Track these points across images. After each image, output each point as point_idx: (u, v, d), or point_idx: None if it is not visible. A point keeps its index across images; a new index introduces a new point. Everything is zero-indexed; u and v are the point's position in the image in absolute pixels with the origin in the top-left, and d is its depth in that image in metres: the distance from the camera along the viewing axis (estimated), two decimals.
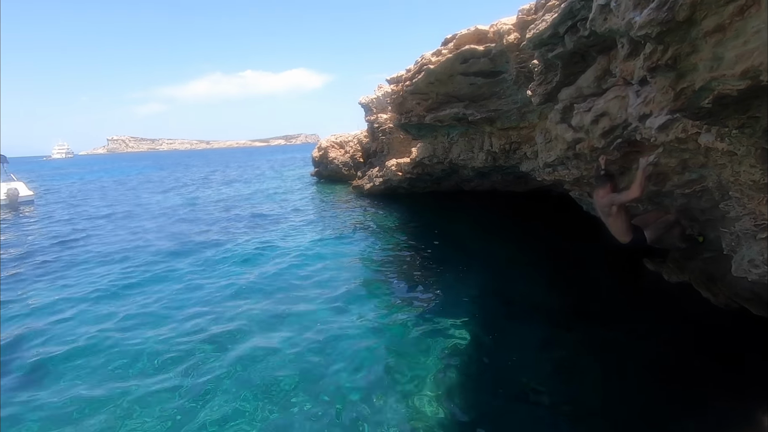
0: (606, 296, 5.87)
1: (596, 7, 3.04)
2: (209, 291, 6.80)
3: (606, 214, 4.52)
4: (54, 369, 4.66)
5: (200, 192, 21.84)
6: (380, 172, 16.20)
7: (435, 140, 12.28)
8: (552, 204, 11.17)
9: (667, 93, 2.42)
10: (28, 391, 4.24)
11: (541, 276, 6.72)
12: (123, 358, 4.78)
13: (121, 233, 11.77)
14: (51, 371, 4.62)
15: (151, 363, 4.66)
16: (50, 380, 4.45)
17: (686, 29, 2.01)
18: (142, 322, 5.69)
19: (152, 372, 4.48)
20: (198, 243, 10.10)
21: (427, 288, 6.63)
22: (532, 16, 6.25)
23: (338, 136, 22.26)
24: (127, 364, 4.66)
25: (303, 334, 5.19)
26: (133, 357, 4.80)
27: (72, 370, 4.62)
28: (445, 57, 8.53)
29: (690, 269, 5.58)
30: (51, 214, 16.20)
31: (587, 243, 7.05)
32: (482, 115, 8.96)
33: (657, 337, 4.66)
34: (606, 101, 4.63)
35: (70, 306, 6.39)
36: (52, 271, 8.36)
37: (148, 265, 8.37)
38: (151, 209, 16.17)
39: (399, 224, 11.34)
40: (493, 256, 7.94)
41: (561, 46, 5.00)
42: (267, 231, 11.15)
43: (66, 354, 4.93)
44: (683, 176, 4.30)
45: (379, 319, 5.55)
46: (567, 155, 6.07)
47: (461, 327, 5.16)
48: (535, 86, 6.09)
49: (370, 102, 18.77)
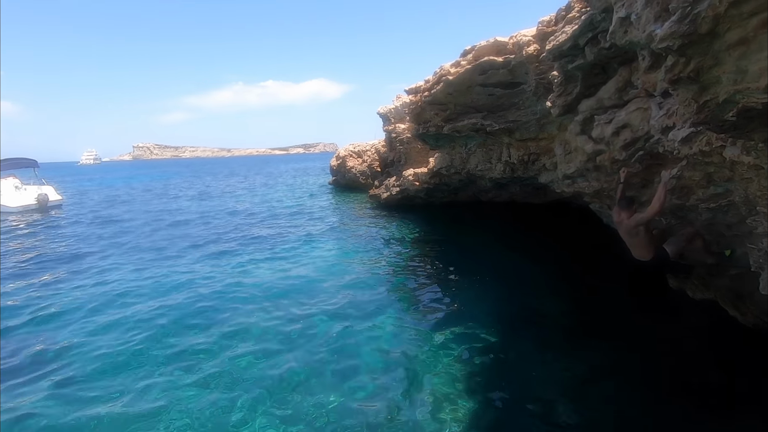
0: (626, 313, 5.72)
1: (616, 20, 3.02)
2: (227, 296, 6.91)
3: (633, 235, 4.50)
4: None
5: (224, 199, 22.27)
6: (397, 182, 16.24)
7: (453, 150, 12.26)
8: (571, 216, 10.99)
9: (690, 105, 2.39)
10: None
11: (558, 290, 6.60)
12: (139, 359, 4.90)
13: (157, 237, 12.08)
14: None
15: (168, 361, 4.76)
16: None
17: (709, 42, 1.98)
18: (161, 324, 5.82)
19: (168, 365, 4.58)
20: (217, 249, 10.29)
21: (440, 300, 6.58)
22: (552, 28, 6.24)
23: (356, 145, 22.45)
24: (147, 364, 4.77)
25: (319, 343, 5.21)
26: (151, 359, 4.91)
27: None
28: (464, 68, 8.56)
29: (716, 286, 5.39)
30: (78, 219, 16.76)
31: (607, 257, 6.89)
32: (501, 125, 8.93)
33: (680, 357, 4.50)
34: (627, 113, 4.57)
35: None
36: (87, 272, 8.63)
37: (164, 268, 8.57)
38: (176, 215, 16.60)
39: (415, 234, 11.33)
40: (510, 268, 7.84)
41: (581, 57, 4.98)
42: (284, 239, 11.28)
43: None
44: (708, 190, 4.19)
45: (392, 330, 5.53)
46: (587, 167, 5.99)
47: (476, 339, 5.10)
48: (554, 97, 6.06)
49: (388, 112, 18.91)
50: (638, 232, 4.44)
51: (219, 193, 25.18)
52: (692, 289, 5.65)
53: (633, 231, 4.46)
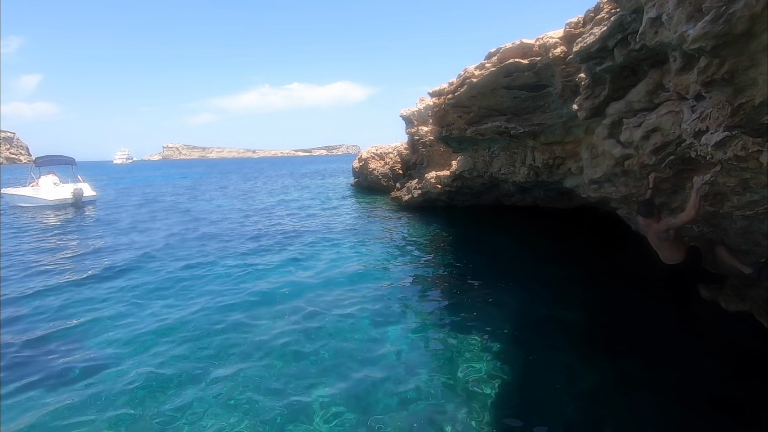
0: (655, 324, 5.51)
1: (647, 20, 2.94)
2: (249, 296, 7.05)
3: (663, 239, 4.40)
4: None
5: (248, 199, 22.74)
6: (419, 184, 16.21)
7: (475, 153, 12.15)
8: (597, 222, 10.71)
9: (724, 108, 2.31)
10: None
11: (584, 298, 6.43)
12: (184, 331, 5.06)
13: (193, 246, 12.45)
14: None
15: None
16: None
17: (744, 42, 1.91)
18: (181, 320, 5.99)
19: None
20: (243, 249, 10.52)
21: (460, 304, 6.52)
22: (580, 30, 6.12)
23: (378, 147, 22.53)
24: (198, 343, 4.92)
25: (335, 345, 5.26)
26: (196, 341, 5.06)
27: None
28: (489, 70, 8.48)
29: (751, 297, 5.15)
30: (113, 214, 17.44)
31: (635, 265, 6.69)
32: (525, 129, 8.79)
33: (711, 372, 4.30)
34: (658, 116, 4.43)
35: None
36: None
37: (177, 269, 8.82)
38: (203, 213, 17.08)
39: (436, 238, 11.27)
40: (533, 275, 7.70)
41: (610, 59, 4.87)
42: (305, 240, 11.42)
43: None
44: (744, 197, 4.02)
45: (411, 334, 5.53)
46: (614, 172, 5.84)
47: (496, 345, 5.03)
48: (581, 100, 5.93)
49: (411, 114, 18.91)
50: (669, 236, 4.33)
51: (242, 193, 25.71)
52: (726, 300, 5.43)
53: (663, 234, 4.34)
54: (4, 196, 21.92)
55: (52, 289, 7.53)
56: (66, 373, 4.71)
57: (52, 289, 7.57)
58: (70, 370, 4.77)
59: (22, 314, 6.41)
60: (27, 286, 7.76)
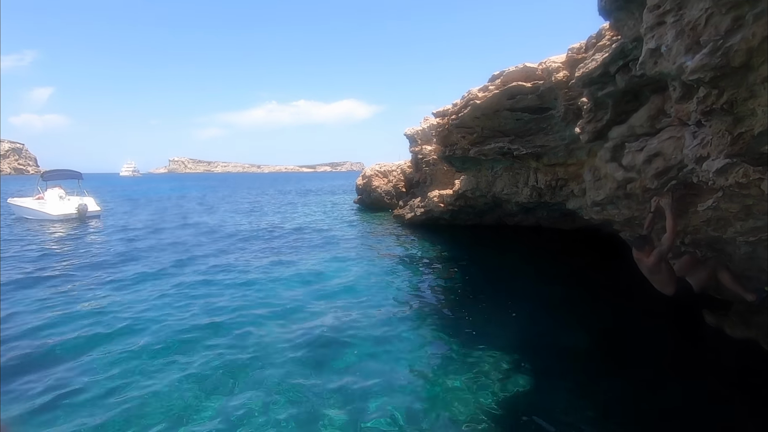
0: (657, 351, 5.42)
1: (646, 51, 3.00)
2: (246, 311, 7.02)
3: (655, 272, 4.45)
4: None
5: (252, 216, 22.83)
6: (422, 203, 16.25)
7: (479, 173, 12.22)
8: (600, 244, 10.67)
9: (724, 137, 2.33)
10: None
11: (585, 321, 6.36)
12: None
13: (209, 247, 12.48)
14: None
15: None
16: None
17: (743, 74, 1.95)
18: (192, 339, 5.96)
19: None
20: (245, 263, 10.51)
21: (461, 324, 6.46)
22: (582, 55, 6.22)
23: (382, 165, 22.69)
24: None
25: (335, 361, 5.21)
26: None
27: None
28: (492, 93, 8.60)
29: (757, 324, 5.08)
30: (115, 232, 17.53)
31: (638, 288, 6.63)
32: (528, 150, 8.86)
33: (715, 402, 4.21)
34: (660, 141, 4.47)
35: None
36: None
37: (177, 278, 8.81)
38: (205, 228, 17.15)
39: (438, 256, 11.24)
40: (534, 295, 7.64)
41: (612, 84, 4.94)
42: (307, 256, 11.42)
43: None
44: (747, 223, 4.01)
45: (411, 353, 5.47)
46: (617, 194, 5.85)
47: (497, 365, 4.96)
48: (584, 123, 5.99)
49: (415, 133, 19.10)
50: (660, 269, 4.39)
51: (247, 210, 25.81)
52: (731, 326, 5.35)
53: (655, 268, 4.39)
54: (11, 206, 22.12)
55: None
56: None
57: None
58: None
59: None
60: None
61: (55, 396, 4.46)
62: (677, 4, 2.26)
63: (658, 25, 2.56)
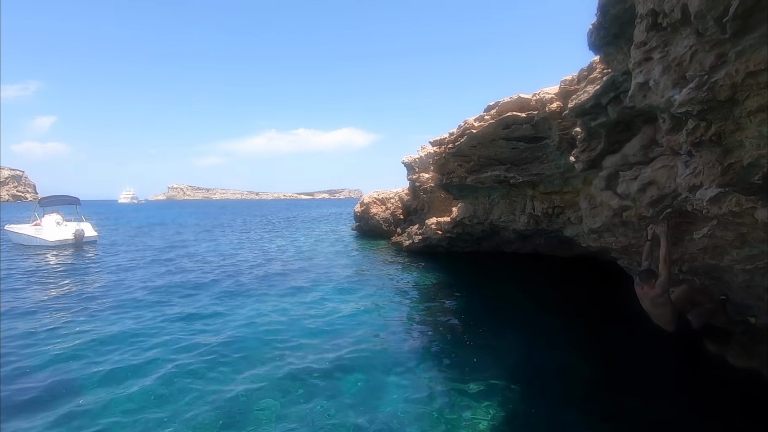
0: (658, 380, 5.33)
1: (635, 85, 3.11)
2: (240, 341, 6.90)
3: (658, 305, 4.41)
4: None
5: (249, 243, 22.75)
6: (420, 230, 16.28)
7: (476, 201, 12.32)
8: (598, 272, 10.64)
9: (715, 167, 2.39)
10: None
11: (584, 349, 6.28)
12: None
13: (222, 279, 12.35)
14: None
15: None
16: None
17: (729, 108, 2.02)
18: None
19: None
20: (243, 292, 10.40)
21: (459, 352, 6.36)
22: (574, 87, 6.41)
23: (380, 192, 22.85)
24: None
25: (333, 392, 5.09)
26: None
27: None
28: (488, 122, 8.80)
29: (759, 354, 5.02)
30: (110, 256, 17.41)
31: (637, 316, 6.57)
32: (524, 178, 8.98)
33: (716, 429, 4.12)
34: (653, 170, 4.54)
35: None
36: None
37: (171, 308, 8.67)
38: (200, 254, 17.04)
39: (436, 284, 11.17)
40: (532, 323, 7.56)
41: (604, 115, 5.07)
42: (307, 285, 11.32)
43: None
44: (743, 251, 4.03)
45: (408, 382, 5.36)
46: (613, 222, 5.89)
47: (495, 395, 4.85)
48: (578, 153, 6.10)
49: (412, 161, 19.36)
50: (664, 302, 4.35)
51: (242, 238, 25.74)
52: (733, 355, 5.29)
53: (660, 300, 4.35)
54: (8, 233, 21.97)
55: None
56: None
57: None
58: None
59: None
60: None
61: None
62: (663, 41, 2.36)
63: (645, 60, 2.67)
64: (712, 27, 1.86)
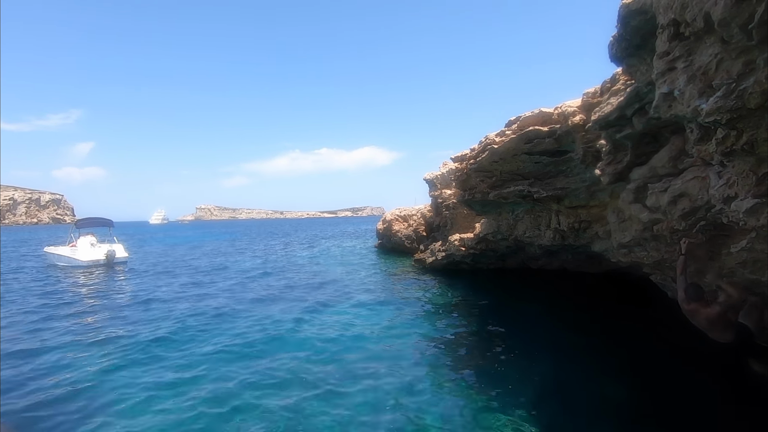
0: (696, 402, 5.00)
1: (659, 95, 3.05)
2: (274, 359, 6.94)
3: (718, 323, 4.21)
4: None
5: (275, 261, 23.08)
6: (443, 247, 16.13)
7: (499, 216, 12.15)
8: (631, 288, 10.23)
9: (749, 177, 2.29)
10: None
11: (615, 371, 5.97)
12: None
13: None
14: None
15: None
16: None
17: (760, 115, 1.95)
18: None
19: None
20: (268, 313, 10.52)
21: (483, 374, 6.18)
22: (597, 99, 6.33)
23: (402, 209, 22.86)
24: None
25: (358, 407, 5.03)
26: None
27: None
28: (509, 137, 8.74)
29: None
30: (137, 277, 17.97)
31: (674, 334, 6.25)
32: (548, 193, 8.82)
33: None
34: (684, 182, 4.40)
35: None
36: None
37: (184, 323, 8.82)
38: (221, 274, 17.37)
39: (460, 302, 10.97)
40: (561, 343, 7.28)
41: (629, 127, 4.98)
42: (333, 301, 11.34)
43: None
44: None
45: (432, 403, 5.24)
46: (644, 236, 5.70)
47: (522, 419, 4.67)
48: (603, 165, 5.99)
49: (434, 178, 19.35)
50: (725, 318, 4.14)
51: (272, 257, 26.12)
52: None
53: (717, 319, 4.14)
54: (47, 255, 23.13)
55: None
56: None
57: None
58: None
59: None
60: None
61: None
62: (686, 51, 2.32)
63: (669, 70, 2.62)
64: (738, 34, 1.81)
